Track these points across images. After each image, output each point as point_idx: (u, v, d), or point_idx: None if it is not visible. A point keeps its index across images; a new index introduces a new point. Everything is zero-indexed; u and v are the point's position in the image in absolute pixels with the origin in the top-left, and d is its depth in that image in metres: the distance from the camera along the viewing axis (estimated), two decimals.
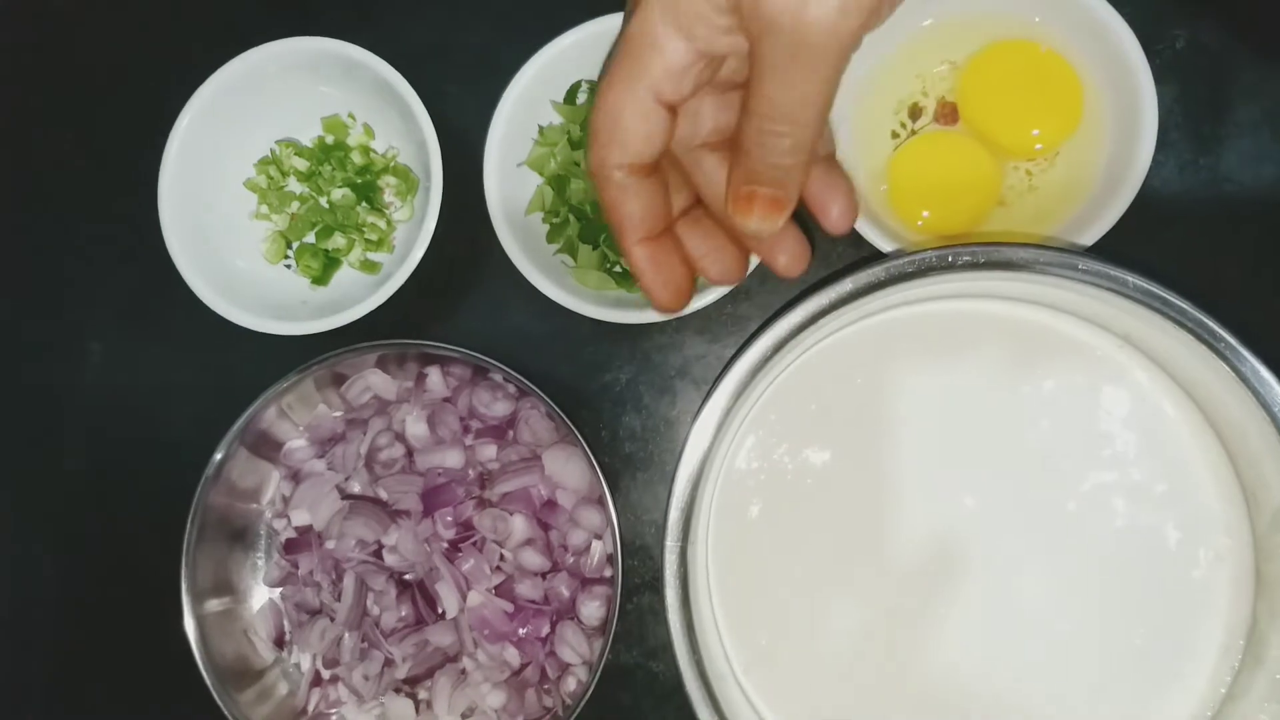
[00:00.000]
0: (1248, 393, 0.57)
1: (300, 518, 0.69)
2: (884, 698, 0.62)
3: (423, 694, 0.68)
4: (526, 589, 0.66)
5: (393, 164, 0.72)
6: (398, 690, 0.68)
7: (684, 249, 0.52)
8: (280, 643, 0.70)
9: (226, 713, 0.64)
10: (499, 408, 0.68)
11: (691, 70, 0.45)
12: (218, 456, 0.65)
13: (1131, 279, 0.57)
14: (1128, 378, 0.62)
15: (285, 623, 0.70)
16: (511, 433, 0.69)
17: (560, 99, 0.69)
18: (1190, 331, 0.57)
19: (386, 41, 0.68)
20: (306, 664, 0.70)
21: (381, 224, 0.72)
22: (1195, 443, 0.61)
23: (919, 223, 0.67)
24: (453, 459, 0.67)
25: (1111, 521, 0.62)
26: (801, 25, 0.40)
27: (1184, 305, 0.57)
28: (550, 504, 0.68)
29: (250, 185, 0.72)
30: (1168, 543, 0.61)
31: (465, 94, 0.69)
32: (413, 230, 0.69)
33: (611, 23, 0.66)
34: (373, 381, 0.69)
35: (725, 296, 0.64)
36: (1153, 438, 0.62)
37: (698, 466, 0.59)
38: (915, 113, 0.68)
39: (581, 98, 0.69)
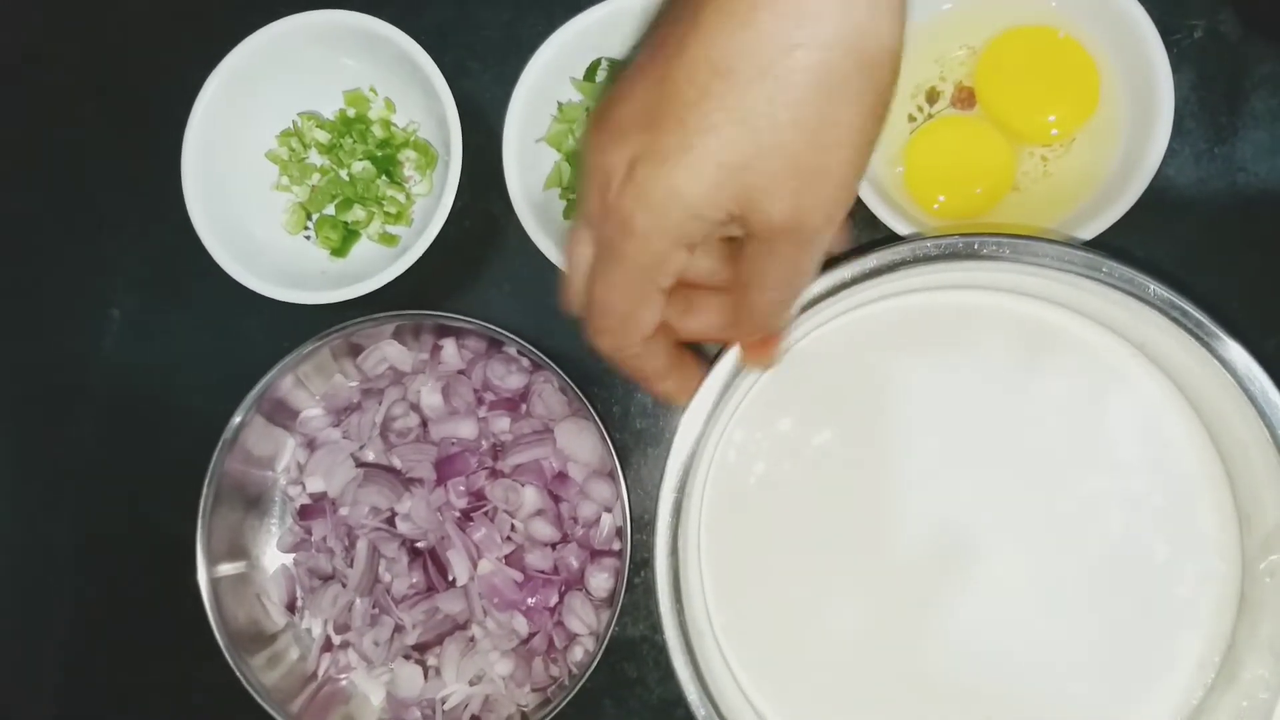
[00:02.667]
0: (1255, 413, 0.57)
1: (315, 484, 0.70)
2: (857, 680, 0.63)
3: (432, 660, 0.69)
4: (536, 559, 0.67)
5: (413, 138, 0.73)
6: (407, 656, 0.69)
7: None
8: (292, 608, 0.71)
9: (239, 675, 0.65)
10: (513, 380, 0.69)
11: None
12: (234, 422, 0.66)
13: (1154, 286, 0.57)
14: (1138, 388, 0.62)
15: (297, 588, 0.71)
16: (525, 405, 0.70)
17: (580, 76, 0.70)
18: (1204, 344, 0.57)
19: (409, 16, 0.68)
20: (318, 629, 0.71)
21: (401, 197, 0.72)
22: (1197, 460, 0.62)
23: (935, 206, 0.67)
24: (466, 430, 0.68)
25: (1106, 528, 0.62)
26: (803, 229, 0.45)
27: (1200, 317, 0.57)
28: (561, 476, 0.68)
29: (272, 157, 0.73)
30: (1156, 554, 0.61)
31: (486, 70, 0.70)
32: (431, 204, 0.69)
33: (628, 3, 0.66)
34: (389, 352, 0.70)
35: None
36: (1156, 451, 0.62)
37: (706, 416, 0.59)
38: (932, 97, 0.68)
39: (601, 75, 0.69)
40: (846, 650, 0.63)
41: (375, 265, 0.69)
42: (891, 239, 0.63)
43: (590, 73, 0.69)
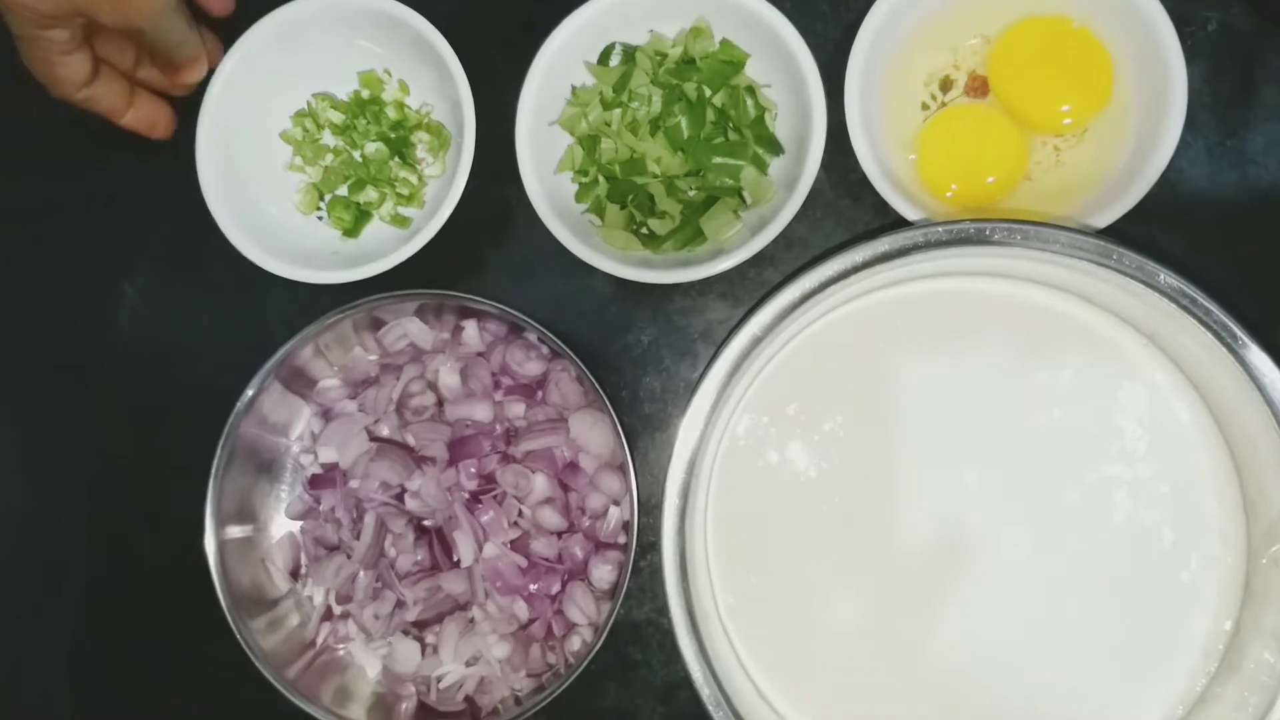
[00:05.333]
0: (1263, 402, 0.57)
1: (327, 455, 0.70)
2: (862, 664, 0.63)
3: (430, 638, 0.69)
4: (541, 546, 0.67)
5: (426, 120, 0.73)
6: (406, 632, 0.69)
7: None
8: (296, 575, 0.71)
9: (239, 638, 0.65)
10: (531, 367, 0.69)
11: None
12: (250, 391, 0.67)
13: (1164, 274, 0.57)
14: (1147, 377, 0.62)
15: (302, 556, 0.71)
16: (541, 393, 0.70)
17: (594, 60, 0.70)
18: (1214, 333, 0.57)
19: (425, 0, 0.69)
20: (319, 598, 0.71)
21: (413, 179, 0.73)
22: (1205, 449, 0.62)
23: (947, 194, 0.67)
24: (482, 412, 0.68)
25: (1111, 515, 0.62)
26: (133, 26, 0.63)
27: (1210, 305, 0.57)
28: (572, 466, 0.68)
29: (286, 137, 0.74)
30: (1163, 543, 0.62)
31: (501, 54, 0.70)
32: (444, 187, 0.70)
33: None
34: (410, 329, 0.70)
35: (749, 261, 0.65)
36: (1164, 439, 0.62)
37: (714, 399, 0.59)
38: (946, 85, 0.69)
39: (614, 60, 0.70)
40: (852, 634, 0.63)
41: (387, 246, 0.70)
42: (902, 224, 0.63)
43: (604, 57, 0.70)
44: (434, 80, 0.71)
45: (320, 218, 0.74)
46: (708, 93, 0.68)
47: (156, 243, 0.76)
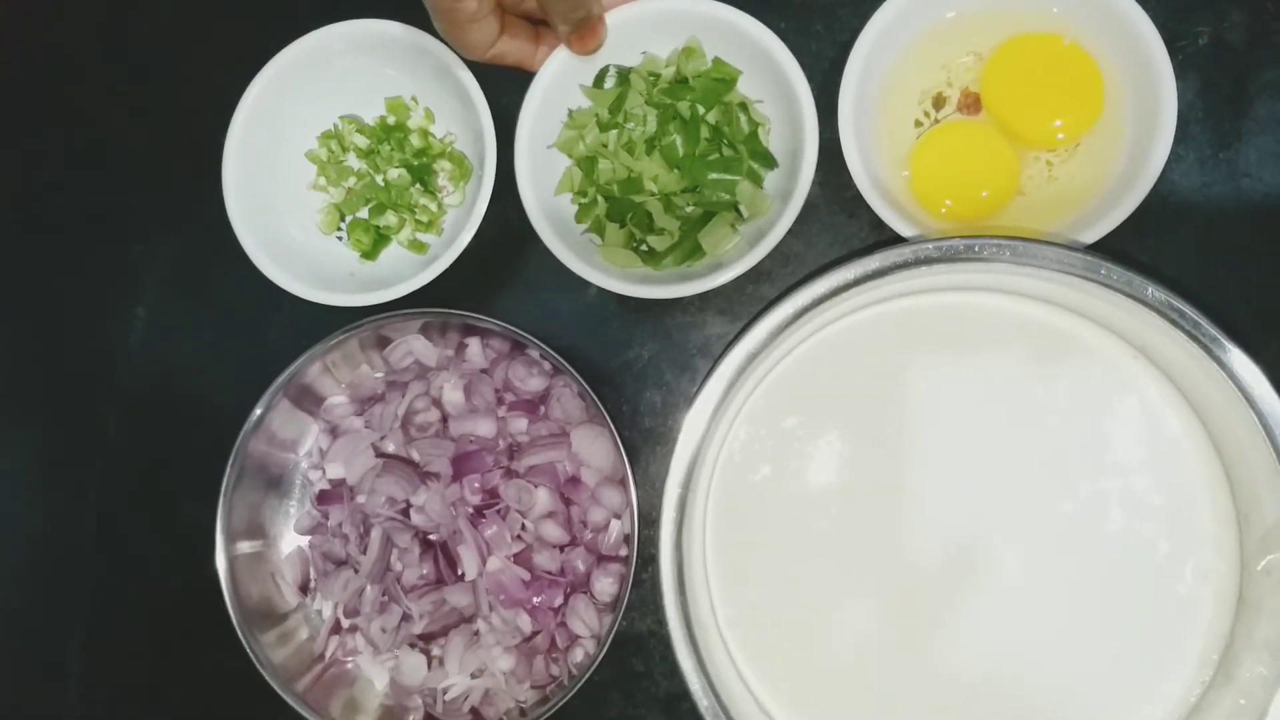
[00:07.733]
0: (1253, 414, 0.57)
1: (335, 471, 0.72)
2: (860, 677, 0.63)
3: (436, 651, 0.70)
4: (544, 560, 0.68)
5: (449, 150, 0.74)
6: (412, 645, 0.70)
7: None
8: (305, 589, 0.73)
9: (249, 651, 0.67)
10: (534, 383, 0.70)
11: None
12: (259, 409, 0.68)
13: (1152, 288, 0.57)
14: (1139, 390, 0.63)
15: (311, 570, 0.73)
16: (543, 408, 0.71)
17: (589, 83, 0.71)
18: (1203, 346, 0.57)
19: (428, 27, 0.69)
20: (328, 612, 0.72)
21: (433, 206, 0.74)
22: (1197, 460, 0.62)
23: (941, 210, 0.68)
24: (485, 428, 0.69)
25: (1106, 526, 0.62)
26: None
27: (1199, 319, 0.57)
28: (574, 480, 0.69)
29: (311, 156, 0.75)
30: (1157, 554, 0.62)
31: (504, 80, 0.71)
32: (462, 216, 0.71)
33: (635, 10, 0.68)
34: (415, 347, 0.72)
35: (746, 276, 0.66)
36: (1156, 451, 0.62)
37: (710, 413, 0.60)
38: (939, 102, 0.69)
39: (609, 82, 0.71)
40: (850, 646, 0.63)
41: (403, 271, 0.71)
42: (895, 241, 0.64)
43: (599, 79, 0.71)
44: (458, 111, 0.72)
45: (340, 238, 0.75)
46: (701, 110, 0.69)
47: (166, 262, 0.78)
